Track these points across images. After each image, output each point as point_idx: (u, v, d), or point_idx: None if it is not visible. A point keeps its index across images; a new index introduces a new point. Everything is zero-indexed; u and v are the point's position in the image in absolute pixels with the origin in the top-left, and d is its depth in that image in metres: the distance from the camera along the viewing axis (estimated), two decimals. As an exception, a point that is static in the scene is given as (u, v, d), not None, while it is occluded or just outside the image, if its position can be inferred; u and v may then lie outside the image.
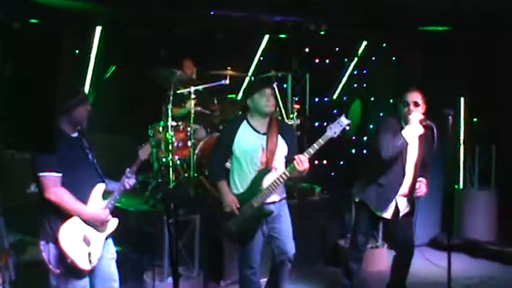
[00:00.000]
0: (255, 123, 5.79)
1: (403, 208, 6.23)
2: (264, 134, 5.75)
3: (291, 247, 5.85)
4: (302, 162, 5.44)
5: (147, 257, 6.82)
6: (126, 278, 6.00)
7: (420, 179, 6.16)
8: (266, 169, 5.67)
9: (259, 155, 5.69)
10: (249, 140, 5.73)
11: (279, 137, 5.76)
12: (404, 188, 6.16)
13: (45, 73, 2.73)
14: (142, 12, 8.14)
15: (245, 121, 5.80)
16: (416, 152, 6.14)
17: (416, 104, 6.01)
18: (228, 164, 5.94)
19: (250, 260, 5.83)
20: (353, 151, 10.13)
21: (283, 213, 5.86)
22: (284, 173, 5.59)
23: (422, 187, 6.14)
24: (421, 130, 5.97)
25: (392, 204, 6.17)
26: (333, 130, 5.44)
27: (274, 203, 5.76)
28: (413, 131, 5.93)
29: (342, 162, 10.05)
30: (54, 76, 2.81)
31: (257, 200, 5.65)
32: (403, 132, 5.92)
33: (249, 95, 5.82)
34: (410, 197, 6.21)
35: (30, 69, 2.71)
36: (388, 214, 6.23)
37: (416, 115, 5.95)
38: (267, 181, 5.66)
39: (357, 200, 6.43)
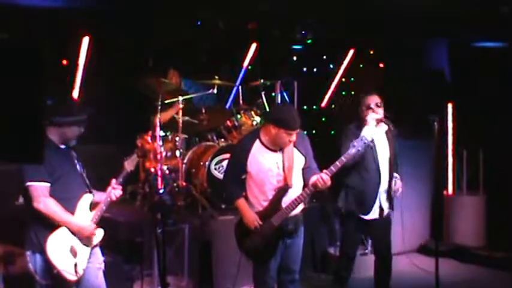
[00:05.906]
0: (268, 143, 5.49)
1: (386, 206, 6.28)
2: (279, 150, 5.49)
3: (297, 265, 5.71)
4: (324, 180, 5.31)
5: (137, 267, 6.83)
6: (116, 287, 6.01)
7: (395, 175, 6.22)
8: (286, 187, 5.45)
9: (275, 173, 5.47)
10: (263, 160, 5.47)
11: (295, 150, 5.52)
12: (384, 185, 6.21)
13: (30, 83, 2.72)
14: (128, 23, 8.18)
15: (258, 140, 5.51)
16: (387, 148, 6.19)
17: (377, 106, 6.11)
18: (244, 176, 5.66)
19: (268, 279, 5.60)
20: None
21: (299, 229, 5.67)
22: (305, 191, 5.44)
23: (398, 183, 6.19)
24: (384, 128, 6.09)
25: (376, 204, 6.22)
26: (357, 147, 5.36)
27: (295, 216, 5.57)
28: (371, 131, 5.79)
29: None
30: (40, 86, 2.80)
31: (277, 219, 5.44)
32: (363, 133, 5.76)
33: (276, 123, 5.34)
34: (389, 193, 6.26)
35: (13, 80, 2.70)
36: (373, 215, 6.26)
37: (372, 115, 6.00)
38: (287, 198, 5.47)
39: (343, 211, 6.46)
